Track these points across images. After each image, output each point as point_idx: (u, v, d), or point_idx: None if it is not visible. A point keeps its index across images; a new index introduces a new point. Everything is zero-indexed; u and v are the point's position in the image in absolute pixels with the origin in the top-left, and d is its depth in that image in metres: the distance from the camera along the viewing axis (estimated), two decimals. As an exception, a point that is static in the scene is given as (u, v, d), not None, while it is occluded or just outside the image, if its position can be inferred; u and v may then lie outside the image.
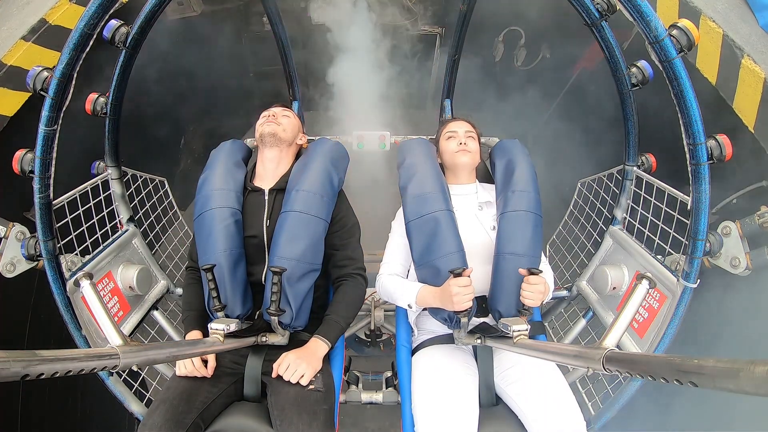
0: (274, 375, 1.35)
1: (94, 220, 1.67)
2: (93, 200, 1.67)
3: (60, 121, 1.22)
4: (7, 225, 1.42)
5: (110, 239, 1.72)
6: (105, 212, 1.73)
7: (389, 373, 1.78)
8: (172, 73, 2.29)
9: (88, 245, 1.63)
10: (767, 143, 1.57)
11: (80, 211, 1.61)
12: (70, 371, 0.62)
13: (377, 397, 1.68)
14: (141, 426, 1.21)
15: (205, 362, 1.39)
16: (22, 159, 1.26)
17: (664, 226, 1.56)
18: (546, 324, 2.05)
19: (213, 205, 1.44)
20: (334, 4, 2.71)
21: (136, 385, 1.66)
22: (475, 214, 1.55)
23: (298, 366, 1.33)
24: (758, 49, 1.64)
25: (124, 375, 1.64)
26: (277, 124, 1.56)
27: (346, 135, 2.03)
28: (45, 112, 1.18)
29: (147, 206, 2.04)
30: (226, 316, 1.35)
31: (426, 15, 3.04)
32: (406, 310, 1.62)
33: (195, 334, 1.45)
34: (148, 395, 1.71)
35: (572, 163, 2.86)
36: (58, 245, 1.39)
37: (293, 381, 1.32)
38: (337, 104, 2.28)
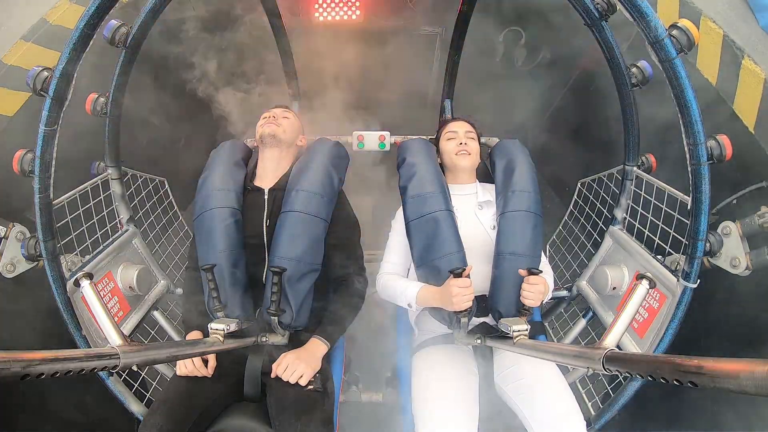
0: (272, 375, 1.35)
1: (94, 220, 1.67)
2: (93, 200, 1.67)
3: (60, 121, 1.22)
4: (7, 225, 1.42)
5: (110, 239, 1.72)
6: (105, 212, 1.73)
7: (389, 373, 1.78)
8: (172, 71, 2.29)
9: (88, 245, 1.63)
10: (767, 143, 1.57)
11: (80, 211, 1.61)
12: (70, 371, 0.62)
13: (377, 397, 1.68)
14: (141, 426, 1.21)
15: (205, 362, 1.39)
16: (22, 159, 1.26)
17: (664, 226, 1.56)
18: (546, 324, 2.05)
19: (213, 205, 1.44)
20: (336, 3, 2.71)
21: (136, 385, 1.66)
22: (475, 213, 1.55)
23: (297, 366, 1.33)
24: (759, 49, 1.63)
25: (124, 375, 1.64)
26: (277, 125, 1.56)
27: (346, 135, 2.03)
28: (45, 112, 1.18)
29: (147, 206, 2.04)
30: (226, 316, 1.35)
31: (426, 15, 3.04)
32: (406, 310, 1.62)
33: (195, 335, 1.45)
34: (148, 395, 1.71)
35: (572, 163, 2.85)
36: (58, 245, 1.39)
37: (292, 381, 1.32)
38: (336, 104, 2.28)
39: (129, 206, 1.86)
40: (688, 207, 1.31)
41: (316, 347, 1.42)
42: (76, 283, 1.43)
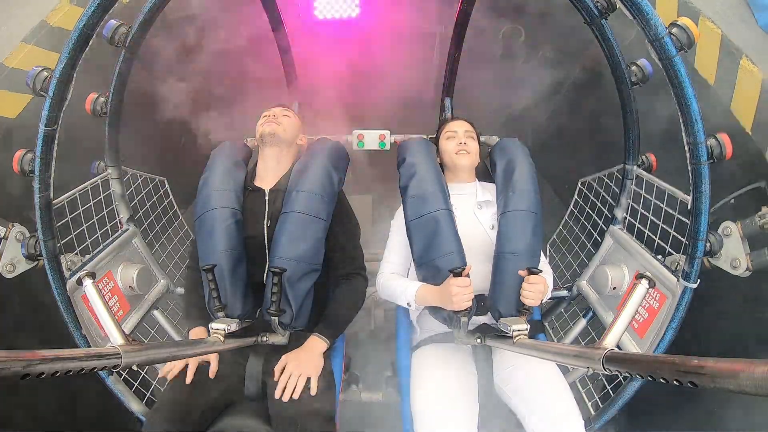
0: (278, 394, 1.32)
1: (94, 219, 1.67)
2: (93, 200, 1.67)
3: (60, 121, 1.22)
4: (7, 225, 1.42)
5: (110, 239, 1.72)
6: (105, 212, 1.73)
7: (389, 373, 1.78)
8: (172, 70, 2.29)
9: (88, 245, 1.63)
10: (765, 144, 1.57)
11: (80, 210, 1.61)
12: (70, 371, 0.62)
13: (377, 396, 1.68)
14: (144, 427, 1.21)
15: (207, 364, 1.39)
16: (22, 159, 1.26)
17: (664, 226, 1.55)
18: (546, 324, 2.05)
19: (213, 206, 1.44)
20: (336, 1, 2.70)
21: (136, 384, 1.66)
22: (474, 212, 1.55)
23: (302, 371, 1.33)
24: (757, 49, 1.64)
25: (124, 374, 1.64)
26: (277, 124, 1.56)
27: (346, 135, 2.03)
28: (45, 112, 1.18)
29: (147, 206, 2.04)
30: (227, 316, 1.35)
31: (426, 13, 3.04)
32: (406, 309, 1.62)
33: (200, 332, 1.45)
34: (148, 394, 1.71)
35: (572, 162, 2.85)
36: (58, 245, 1.39)
37: (298, 391, 1.30)
38: (336, 103, 2.28)
39: (129, 206, 1.86)
40: (689, 207, 1.31)
41: (315, 344, 1.42)
42: (79, 282, 1.42)
